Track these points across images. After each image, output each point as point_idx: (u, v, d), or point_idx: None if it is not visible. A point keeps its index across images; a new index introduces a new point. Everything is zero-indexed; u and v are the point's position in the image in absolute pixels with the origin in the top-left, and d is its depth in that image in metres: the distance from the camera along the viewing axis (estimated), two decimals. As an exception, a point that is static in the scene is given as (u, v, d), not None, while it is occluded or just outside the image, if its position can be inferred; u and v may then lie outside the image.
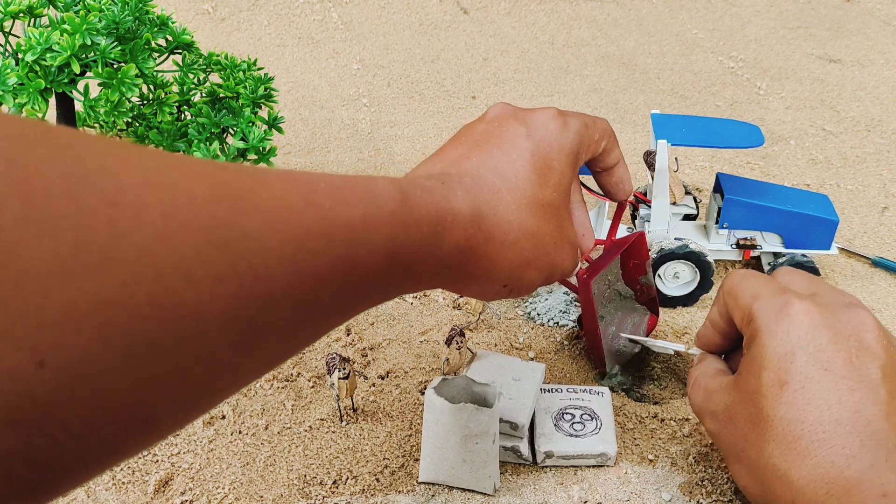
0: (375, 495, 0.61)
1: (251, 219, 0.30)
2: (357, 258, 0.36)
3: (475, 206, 0.46)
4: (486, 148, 0.51)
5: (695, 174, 1.02)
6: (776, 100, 1.21)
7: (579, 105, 1.18)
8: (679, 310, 0.80)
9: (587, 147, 0.54)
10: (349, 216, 0.36)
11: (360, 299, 0.39)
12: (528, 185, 0.50)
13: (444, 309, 0.80)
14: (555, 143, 0.52)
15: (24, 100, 0.53)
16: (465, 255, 0.46)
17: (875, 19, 1.46)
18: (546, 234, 0.50)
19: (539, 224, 0.50)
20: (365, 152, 1.06)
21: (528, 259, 0.50)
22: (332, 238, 0.35)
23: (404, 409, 0.69)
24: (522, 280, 0.51)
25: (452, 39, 1.36)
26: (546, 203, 0.50)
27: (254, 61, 0.68)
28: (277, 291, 0.31)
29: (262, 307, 0.31)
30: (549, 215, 0.51)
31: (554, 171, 0.51)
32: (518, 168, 0.50)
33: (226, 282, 0.28)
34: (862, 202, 0.98)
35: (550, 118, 0.52)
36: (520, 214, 0.49)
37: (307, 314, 0.34)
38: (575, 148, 0.53)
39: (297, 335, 0.35)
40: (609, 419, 0.65)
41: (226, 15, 1.38)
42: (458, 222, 0.45)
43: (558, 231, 0.51)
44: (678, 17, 1.46)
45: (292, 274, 0.32)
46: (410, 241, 0.40)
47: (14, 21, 0.58)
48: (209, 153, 0.61)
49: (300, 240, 0.33)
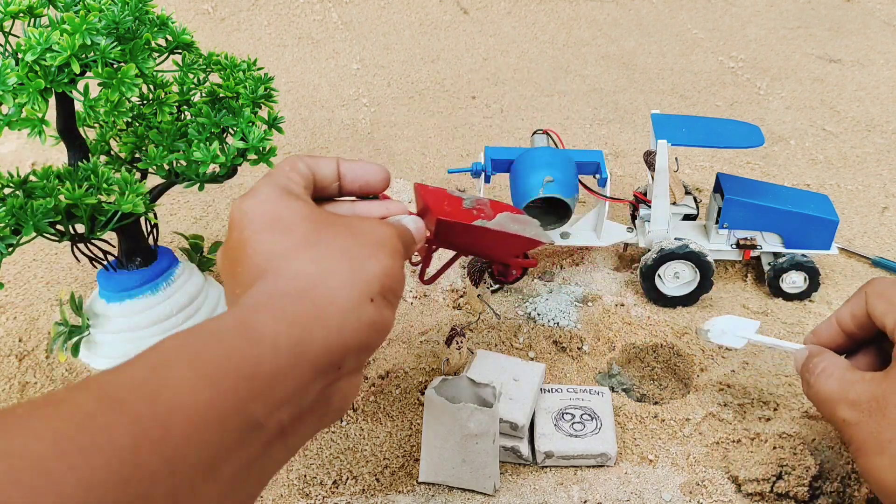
0: (375, 495, 0.61)
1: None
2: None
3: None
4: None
5: (695, 174, 1.02)
6: (776, 100, 1.21)
7: (579, 105, 1.18)
8: (679, 310, 0.80)
9: (296, 188, 0.50)
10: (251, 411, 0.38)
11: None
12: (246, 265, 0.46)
13: (444, 309, 0.80)
14: (236, 229, 0.47)
15: (24, 100, 0.53)
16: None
17: (875, 19, 1.46)
18: (325, 272, 0.45)
19: (309, 269, 0.45)
20: (365, 152, 1.05)
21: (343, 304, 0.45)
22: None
23: (404, 409, 0.69)
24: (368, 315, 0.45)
25: (452, 39, 1.36)
26: (287, 251, 0.46)
27: (254, 61, 0.68)
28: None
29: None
30: (310, 254, 0.46)
31: (245, 240, 0.46)
32: (232, 259, 0.47)
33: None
34: (862, 202, 0.98)
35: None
36: (285, 284, 0.44)
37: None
38: (258, 209, 0.47)
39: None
40: (609, 419, 0.65)
41: (226, 15, 1.38)
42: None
43: (331, 252, 0.46)
44: (678, 17, 1.46)
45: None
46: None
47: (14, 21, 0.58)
48: (209, 153, 0.61)
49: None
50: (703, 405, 0.68)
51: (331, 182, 0.53)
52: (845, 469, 0.62)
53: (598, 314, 0.79)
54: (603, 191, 0.80)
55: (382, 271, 0.46)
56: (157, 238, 0.71)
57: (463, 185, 0.97)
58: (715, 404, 0.68)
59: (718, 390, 0.70)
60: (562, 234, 0.82)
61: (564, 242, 0.82)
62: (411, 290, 0.81)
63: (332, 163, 0.53)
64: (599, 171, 0.80)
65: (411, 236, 0.53)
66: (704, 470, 0.64)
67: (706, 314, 0.80)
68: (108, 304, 0.69)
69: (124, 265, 0.69)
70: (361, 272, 0.45)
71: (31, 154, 1.03)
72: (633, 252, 0.87)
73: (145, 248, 0.69)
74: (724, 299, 0.81)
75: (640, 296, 0.81)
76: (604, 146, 1.08)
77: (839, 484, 0.61)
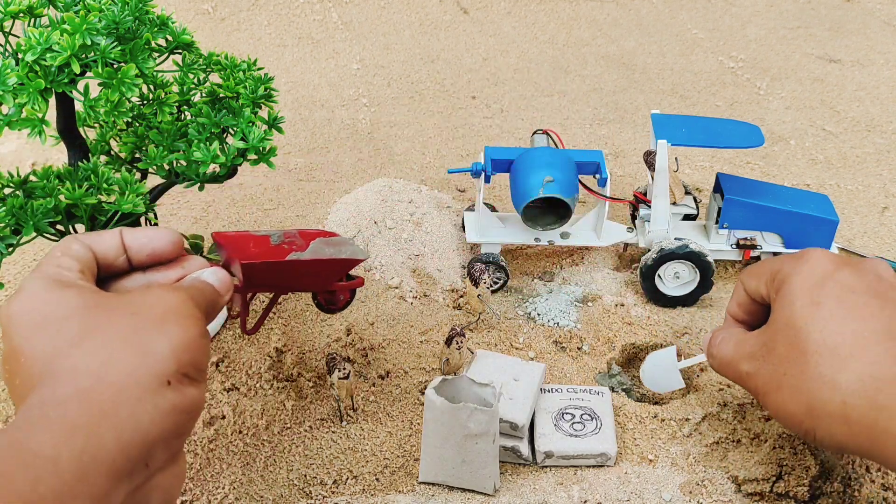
0: (375, 495, 0.61)
1: None
2: None
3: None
4: None
5: (695, 174, 1.02)
6: (776, 100, 1.21)
7: (579, 105, 1.18)
8: (679, 310, 0.80)
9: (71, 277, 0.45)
10: None
11: None
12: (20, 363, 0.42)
13: (444, 309, 0.80)
14: (6, 337, 0.43)
15: (24, 100, 0.53)
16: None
17: (875, 19, 1.46)
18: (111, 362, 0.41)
19: (90, 359, 0.41)
20: (365, 152, 1.05)
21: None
22: None
23: (404, 409, 0.69)
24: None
25: (452, 39, 1.36)
26: (60, 350, 0.42)
27: (254, 61, 0.68)
28: None
29: None
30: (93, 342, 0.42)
31: (16, 349, 0.42)
32: (9, 371, 0.43)
33: None
34: (862, 202, 0.98)
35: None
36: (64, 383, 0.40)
37: None
38: (24, 310, 0.43)
39: None
40: (609, 419, 0.65)
41: (226, 15, 1.38)
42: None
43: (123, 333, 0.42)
44: (678, 17, 1.46)
45: None
46: None
47: (14, 21, 0.58)
48: (209, 153, 0.61)
49: None
50: (703, 405, 0.68)
51: (116, 256, 0.48)
52: (846, 469, 0.62)
53: (598, 314, 0.79)
54: (603, 191, 0.80)
55: (176, 347, 0.42)
56: (157, 238, 0.71)
57: (463, 185, 0.97)
58: (715, 404, 0.68)
59: (718, 390, 0.70)
60: (562, 234, 0.82)
61: (564, 242, 0.82)
62: (411, 290, 0.81)
63: (114, 236, 0.49)
64: (599, 171, 0.80)
65: (214, 291, 0.50)
66: (704, 470, 0.64)
67: (706, 314, 0.80)
68: (108, 304, 0.69)
69: (124, 265, 0.69)
70: (150, 355, 0.42)
71: (31, 154, 1.03)
72: (633, 252, 0.87)
73: (145, 248, 0.69)
74: (724, 299, 0.81)
75: (640, 296, 0.81)
76: (604, 146, 1.08)
77: (839, 484, 0.61)
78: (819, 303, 0.53)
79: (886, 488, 0.61)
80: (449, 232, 0.87)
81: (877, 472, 0.62)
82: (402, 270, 0.83)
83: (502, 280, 0.82)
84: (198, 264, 0.51)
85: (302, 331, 0.76)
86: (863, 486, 0.61)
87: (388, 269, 0.83)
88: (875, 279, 0.55)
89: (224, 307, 0.52)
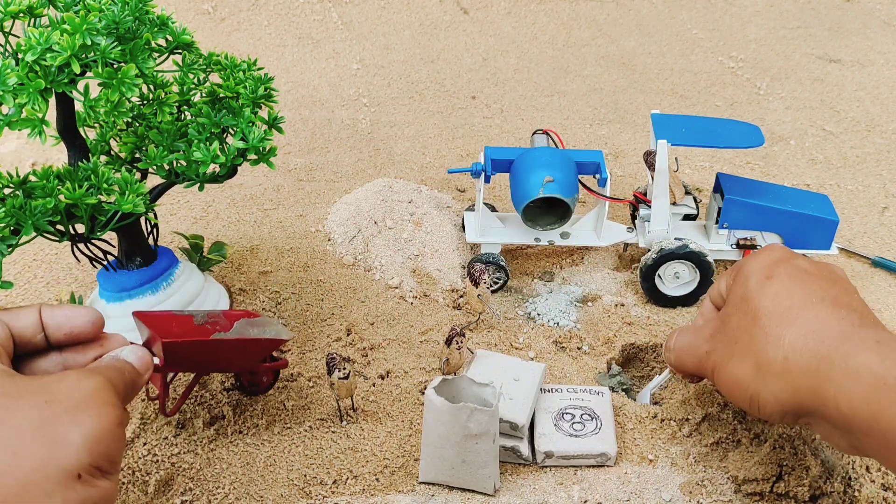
0: (375, 495, 0.61)
1: None
2: None
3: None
4: None
5: (695, 174, 1.02)
6: (776, 100, 1.21)
7: (579, 105, 1.18)
8: (679, 310, 0.80)
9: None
10: None
11: None
12: None
13: (444, 309, 0.80)
14: None
15: (24, 100, 0.53)
16: None
17: (875, 19, 1.46)
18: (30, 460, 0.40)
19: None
20: (365, 152, 1.05)
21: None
22: None
23: (404, 409, 0.69)
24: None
25: (452, 39, 1.36)
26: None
27: (254, 61, 0.68)
28: None
29: None
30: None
31: None
32: None
33: None
34: (862, 202, 0.98)
35: None
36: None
37: None
38: None
39: None
40: (609, 419, 0.65)
41: (226, 15, 1.38)
42: None
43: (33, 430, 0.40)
44: (678, 17, 1.46)
45: None
46: None
47: (14, 21, 0.58)
48: (209, 153, 0.61)
49: None
50: (703, 405, 0.68)
51: (33, 334, 0.47)
52: (846, 469, 0.62)
53: (598, 314, 0.79)
54: (603, 191, 0.80)
55: (89, 439, 0.41)
56: (157, 238, 0.71)
57: (463, 185, 0.97)
58: (715, 404, 0.68)
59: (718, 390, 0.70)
60: (562, 234, 0.82)
61: (564, 242, 0.82)
62: (411, 290, 0.81)
63: (32, 313, 0.47)
64: (599, 171, 0.80)
65: (133, 370, 0.48)
66: (704, 470, 0.64)
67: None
68: (108, 304, 0.69)
69: (124, 265, 0.69)
70: (61, 447, 0.40)
71: (31, 154, 1.03)
72: (633, 252, 0.87)
73: (145, 248, 0.69)
74: (724, 299, 0.81)
75: (640, 296, 0.81)
76: (604, 146, 1.08)
77: (840, 484, 0.61)
78: (771, 276, 0.56)
79: (886, 488, 0.61)
80: (449, 232, 0.87)
81: (877, 472, 0.62)
82: (402, 270, 0.83)
83: (502, 280, 0.82)
84: (117, 342, 0.50)
85: (302, 331, 0.76)
86: (863, 487, 0.61)
87: (388, 269, 0.83)
88: (827, 270, 0.57)
89: (141, 387, 0.50)
